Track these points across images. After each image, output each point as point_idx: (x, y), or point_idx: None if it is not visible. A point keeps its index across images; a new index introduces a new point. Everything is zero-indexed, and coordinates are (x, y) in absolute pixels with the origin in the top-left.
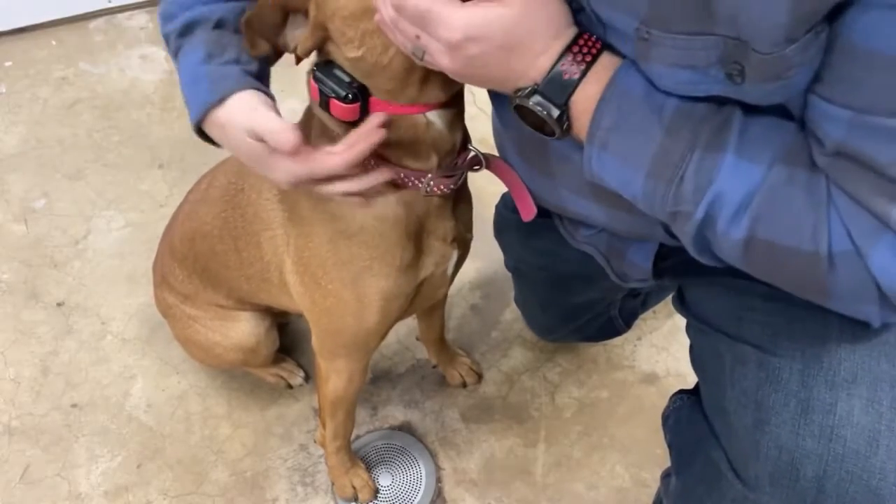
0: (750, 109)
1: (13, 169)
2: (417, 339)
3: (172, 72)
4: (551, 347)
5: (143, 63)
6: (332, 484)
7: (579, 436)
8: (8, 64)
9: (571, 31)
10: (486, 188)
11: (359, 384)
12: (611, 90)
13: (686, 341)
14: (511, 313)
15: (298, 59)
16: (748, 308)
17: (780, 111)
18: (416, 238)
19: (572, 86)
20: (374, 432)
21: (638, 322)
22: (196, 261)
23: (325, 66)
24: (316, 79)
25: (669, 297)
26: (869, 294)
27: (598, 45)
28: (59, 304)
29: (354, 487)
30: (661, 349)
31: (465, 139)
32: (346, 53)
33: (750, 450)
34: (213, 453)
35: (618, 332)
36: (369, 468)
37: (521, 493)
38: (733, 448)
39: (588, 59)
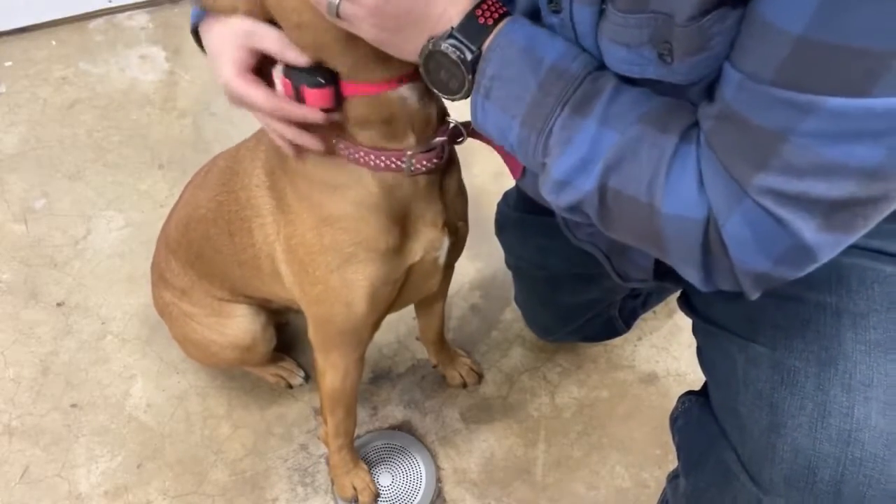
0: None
1: (13, 169)
2: (417, 339)
3: (172, 72)
4: (551, 347)
5: (143, 63)
6: (333, 483)
7: (579, 436)
8: (8, 64)
9: None
10: (487, 188)
11: (355, 379)
12: (497, 40)
13: (686, 341)
14: (511, 313)
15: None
16: (759, 309)
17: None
18: (401, 222)
19: (487, 31)
20: (374, 432)
21: (638, 322)
22: (190, 247)
23: (295, 68)
24: (286, 74)
25: (669, 298)
26: (693, 259)
27: (503, 9)
28: (59, 304)
29: (355, 489)
30: (661, 349)
31: (442, 112)
32: (286, 31)
33: (765, 452)
34: (213, 453)
35: (618, 333)
36: (369, 468)
37: (521, 493)
38: (747, 450)
39: (496, 15)
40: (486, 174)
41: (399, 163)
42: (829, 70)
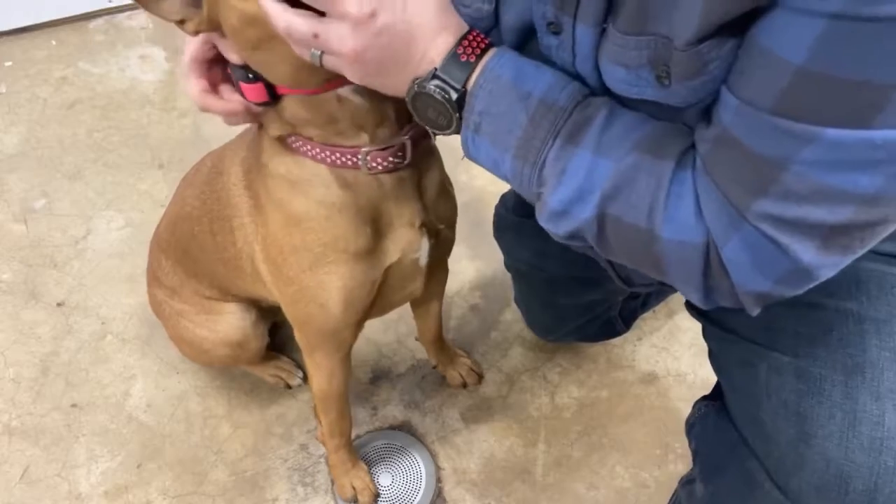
0: (621, 103)
1: (13, 169)
2: (416, 339)
3: (172, 72)
4: (551, 347)
5: (143, 63)
6: (333, 483)
7: (579, 436)
8: (8, 64)
9: (461, 24)
10: (486, 188)
11: (341, 380)
12: (483, 76)
13: (687, 341)
14: (511, 313)
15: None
16: (778, 317)
17: (704, 114)
18: (374, 222)
19: (470, 67)
20: (374, 432)
21: (638, 322)
22: (177, 246)
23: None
24: (230, 69)
25: (669, 297)
26: (693, 281)
27: (486, 42)
28: (59, 304)
29: (355, 489)
30: (661, 349)
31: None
32: (242, 55)
33: (793, 462)
34: (213, 453)
35: (618, 333)
36: (369, 468)
37: (521, 493)
38: (772, 459)
39: (478, 51)
40: (486, 174)
41: (354, 159)
42: (830, 101)
